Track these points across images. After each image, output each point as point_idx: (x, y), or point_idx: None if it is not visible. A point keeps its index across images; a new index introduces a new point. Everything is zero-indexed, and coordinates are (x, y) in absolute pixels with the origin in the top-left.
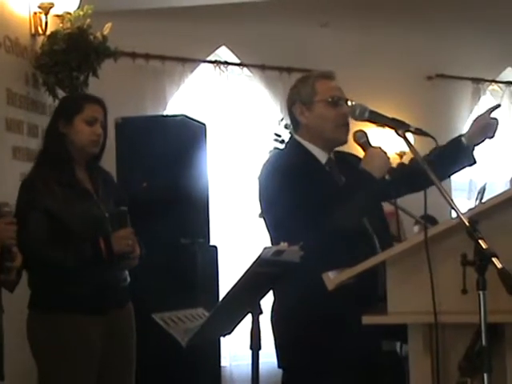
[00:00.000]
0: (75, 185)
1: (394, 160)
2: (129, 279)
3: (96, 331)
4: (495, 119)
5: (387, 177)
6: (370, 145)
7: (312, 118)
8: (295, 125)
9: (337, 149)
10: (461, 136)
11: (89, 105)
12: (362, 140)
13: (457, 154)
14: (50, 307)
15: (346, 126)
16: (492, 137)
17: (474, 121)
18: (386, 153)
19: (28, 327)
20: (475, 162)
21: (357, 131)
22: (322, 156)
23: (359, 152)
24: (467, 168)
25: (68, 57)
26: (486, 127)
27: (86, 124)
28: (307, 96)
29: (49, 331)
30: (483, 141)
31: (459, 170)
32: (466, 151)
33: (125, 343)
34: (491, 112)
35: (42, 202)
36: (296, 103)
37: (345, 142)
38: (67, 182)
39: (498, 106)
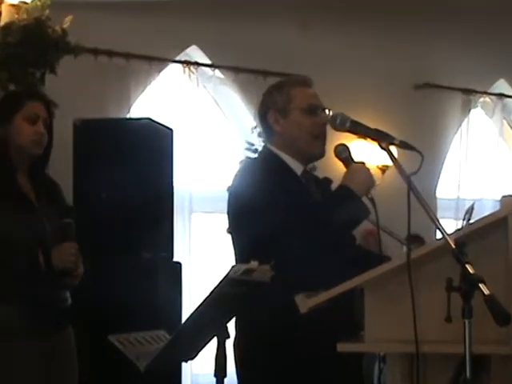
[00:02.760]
0: (14, 192)
1: (376, 175)
2: (70, 301)
3: (31, 357)
4: None
5: (369, 195)
6: (353, 160)
7: (287, 126)
8: (269, 133)
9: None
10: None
11: (30, 102)
12: (344, 155)
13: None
14: None
15: (323, 137)
16: None
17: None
18: (369, 169)
19: None
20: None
21: (338, 145)
22: (297, 167)
23: (340, 167)
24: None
25: (23, 50)
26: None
27: (27, 122)
28: (282, 103)
29: None
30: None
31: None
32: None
33: (65, 371)
34: None
35: None
36: (270, 110)
37: (321, 155)
38: (5, 189)
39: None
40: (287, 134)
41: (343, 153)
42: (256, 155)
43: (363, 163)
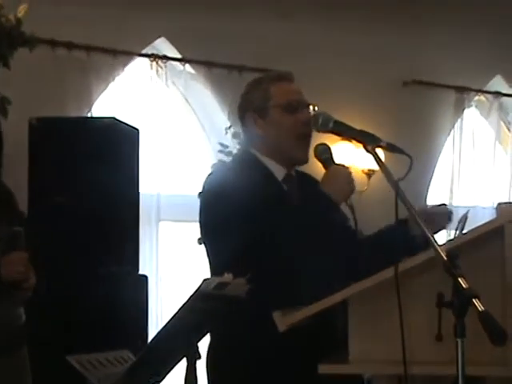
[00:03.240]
0: None
1: (362, 180)
2: (24, 317)
3: None
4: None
5: (348, 201)
6: (334, 162)
7: (266, 127)
8: (248, 136)
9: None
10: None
11: None
12: (324, 156)
13: (400, 243)
14: None
15: (307, 138)
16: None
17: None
18: (350, 173)
19: None
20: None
21: (319, 145)
22: (278, 171)
23: (320, 169)
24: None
25: None
26: (436, 218)
27: None
28: (260, 101)
29: None
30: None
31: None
32: (410, 240)
33: None
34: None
35: None
36: (248, 111)
37: (305, 161)
38: None
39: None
40: (267, 135)
41: (323, 153)
42: (231, 158)
43: (344, 166)
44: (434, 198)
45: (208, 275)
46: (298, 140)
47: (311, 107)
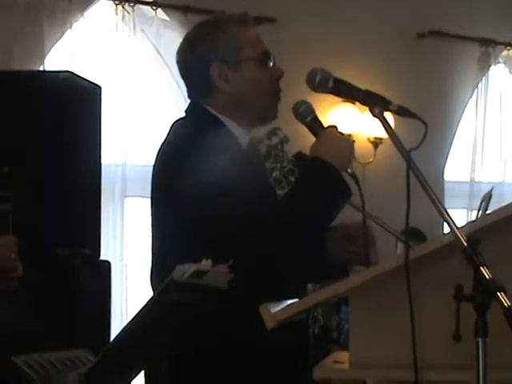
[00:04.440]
0: None
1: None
2: None
3: None
4: None
5: (349, 170)
6: (322, 125)
7: (238, 83)
8: (206, 89)
9: None
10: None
11: None
12: (310, 118)
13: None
14: None
15: (279, 95)
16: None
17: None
18: (346, 136)
19: None
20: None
21: (298, 103)
22: (242, 136)
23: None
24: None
25: None
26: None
27: None
28: (230, 51)
29: None
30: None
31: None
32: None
33: None
34: None
35: None
36: (213, 61)
37: (274, 118)
38: None
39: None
40: (237, 92)
41: (308, 115)
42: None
43: (335, 127)
44: (452, 171)
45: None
46: (273, 97)
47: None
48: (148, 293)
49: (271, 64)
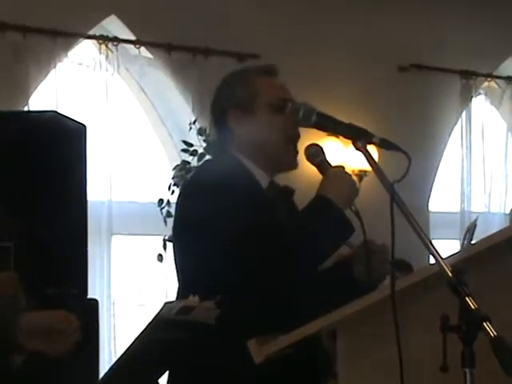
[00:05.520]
0: None
1: None
2: None
3: None
4: None
5: (353, 207)
6: (330, 164)
7: (252, 127)
8: (228, 137)
9: None
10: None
11: None
12: (319, 159)
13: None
14: None
15: (296, 141)
16: None
17: None
18: (350, 175)
19: None
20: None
21: (310, 146)
22: (263, 179)
23: (312, 172)
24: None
25: None
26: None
27: None
28: (245, 97)
29: None
30: None
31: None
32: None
33: None
34: None
35: None
36: (229, 108)
37: (294, 166)
38: None
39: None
40: (253, 136)
41: (317, 156)
42: (210, 158)
43: (343, 167)
44: (436, 203)
45: (170, 297)
46: (287, 143)
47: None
48: (136, 330)
49: (286, 110)
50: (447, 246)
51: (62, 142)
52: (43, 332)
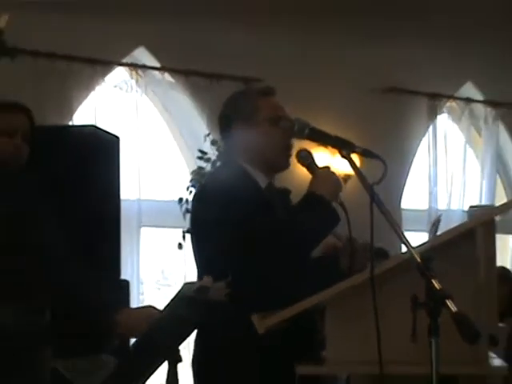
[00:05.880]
0: None
1: None
2: None
3: None
4: None
5: (339, 200)
6: (317, 166)
7: (253, 137)
8: (232, 145)
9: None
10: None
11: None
12: (308, 161)
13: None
14: None
15: (290, 149)
16: None
17: None
18: (335, 173)
19: None
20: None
21: (300, 151)
22: (262, 180)
23: (304, 173)
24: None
25: None
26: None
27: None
28: (248, 112)
29: None
30: None
31: None
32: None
33: None
34: None
35: None
36: (234, 120)
37: (286, 167)
38: None
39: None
40: (253, 145)
41: (307, 159)
42: (219, 166)
43: (328, 168)
44: (407, 201)
45: (188, 278)
46: (282, 150)
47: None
48: (160, 306)
49: (281, 123)
50: (416, 238)
51: (100, 151)
52: None
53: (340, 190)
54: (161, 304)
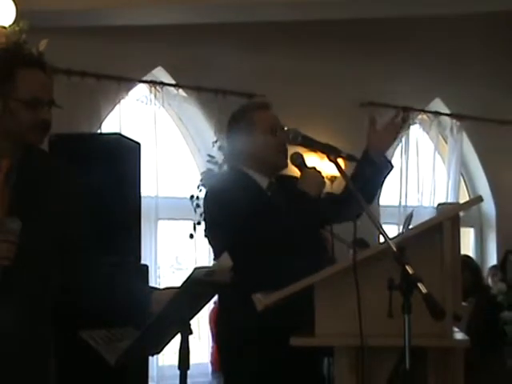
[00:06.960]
0: None
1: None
2: None
3: None
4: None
5: (322, 195)
6: (306, 165)
7: (254, 146)
8: (237, 154)
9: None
10: (367, 152)
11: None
12: (298, 161)
13: (374, 169)
14: None
15: (286, 152)
16: (395, 138)
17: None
18: (320, 172)
19: None
20: (392, 166)
21: (293, 153)
22: (263, 181)
23: (296, 172)
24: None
25: None
26: (382, 136)
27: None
28: (246, 127)
29: None
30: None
31: (383, 181)
32: (379, 163)
33: None
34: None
35: None
36: (236, 135)
37: (285, 166)
38: None
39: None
40: (255, 153)
41: (297, 160)
42: (225, 170)
43: (314, 168)
44: (385, 199)
45: (199, 263)
46: (281, 153)
47: (285, 128)
48: (174, 286)
49: (277, 132)
50: (391, 230)
51: (124, 155)
52: None
53: (323, 186)
54: (175, 285)
